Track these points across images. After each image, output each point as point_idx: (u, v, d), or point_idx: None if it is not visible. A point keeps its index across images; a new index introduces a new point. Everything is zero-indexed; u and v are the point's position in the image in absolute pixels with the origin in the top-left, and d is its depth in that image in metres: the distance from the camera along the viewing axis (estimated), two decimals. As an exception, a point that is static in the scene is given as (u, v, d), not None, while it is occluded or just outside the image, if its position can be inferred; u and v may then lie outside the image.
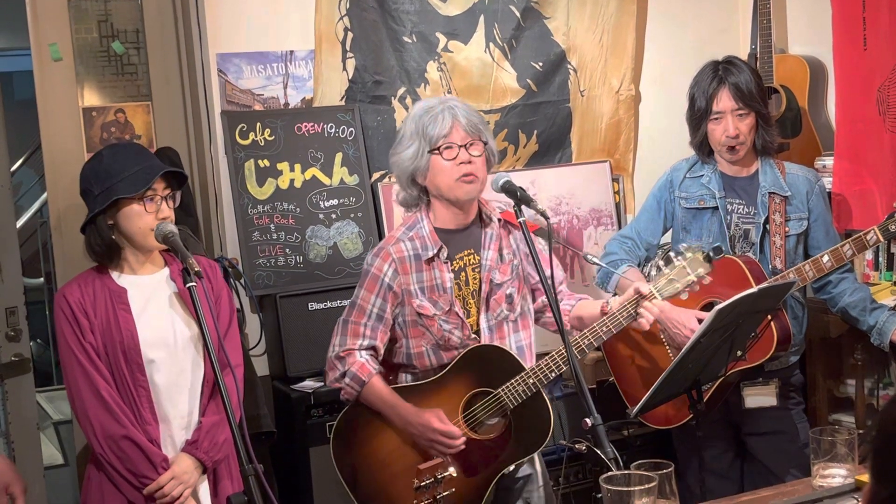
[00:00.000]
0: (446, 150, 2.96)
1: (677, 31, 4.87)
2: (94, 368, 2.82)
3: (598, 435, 2.52)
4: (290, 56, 4.21)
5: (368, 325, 3.02)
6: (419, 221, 3.06)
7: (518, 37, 4.55)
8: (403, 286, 3.01)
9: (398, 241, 3.05)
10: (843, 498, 2.50)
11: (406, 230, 3.07)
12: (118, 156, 2.89)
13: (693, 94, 3.59)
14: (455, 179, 2.97)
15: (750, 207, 3.58)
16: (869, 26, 4.15)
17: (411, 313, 3.02)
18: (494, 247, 3.09)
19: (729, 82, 3.49)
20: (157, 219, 2.84)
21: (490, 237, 3.10)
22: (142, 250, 2.91)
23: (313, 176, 4.21)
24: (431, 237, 3.03)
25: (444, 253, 3.03)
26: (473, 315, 3.06)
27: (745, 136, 3.51)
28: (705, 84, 3.53)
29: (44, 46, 4.12)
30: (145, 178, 2.82)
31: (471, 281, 3.07)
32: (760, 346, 3.33)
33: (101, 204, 2.83)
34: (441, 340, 3.02)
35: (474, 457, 2.94)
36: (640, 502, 2.22)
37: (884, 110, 4.12)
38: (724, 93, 3.49)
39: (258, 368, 4.02)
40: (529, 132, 4.60)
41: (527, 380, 2.94)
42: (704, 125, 3.55)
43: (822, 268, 3.40)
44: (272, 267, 4.10)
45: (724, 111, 3.49)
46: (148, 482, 2.82)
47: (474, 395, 3.00)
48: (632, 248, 3.71)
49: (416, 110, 3.05)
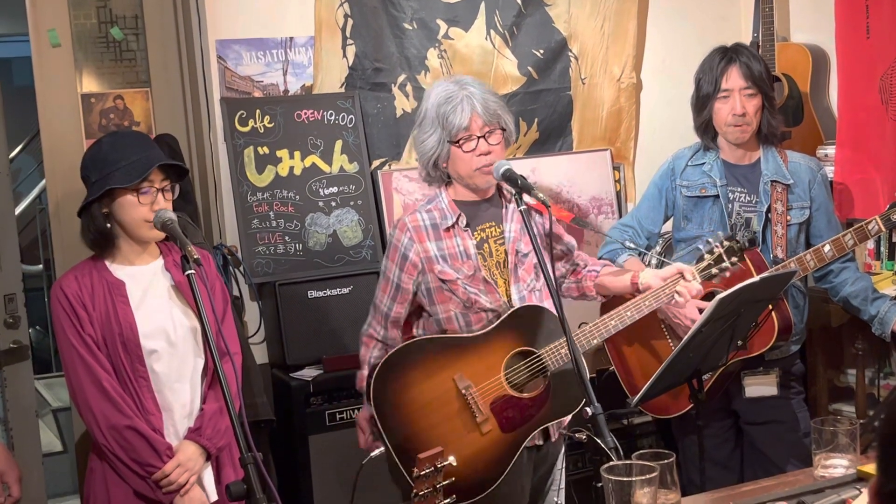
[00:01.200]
0: (466, 142, 3.02)
1: (679, 19, 4.85)
2: (94, 360, 2.81)
3: (598, 424, 2.51)
4: (290, 43, 4.19)
5: (390, 295, 3.11)
6: (438, 196, 3.14)
7: (519, 24, 4.53)
8: (422, 254, 3.05)
9: (415, 213, 3.12)
10: (845, 488, 2.49)
11: (425, 203, 3.15)
12: (118, 144, 2.87)
13: (699, 77, 3.58)
14: (474, 169, 3.04)
15: (752, 196, 3.57)
16: (872, 14, 4.13)
17: (434, 280, 3.06)
18: (517, 219, 3.13)
19: (740, 61, 3.49)
20: (152, 210, 2.82)
21: (512, 211, 3.14)
22: (136, 241, 2.89)
23: (313, 163, 4.19)
24: (450, 207, 3.09)
25: (464, 220, 3.08)
26: (502, 286, 3.08)
27: (751, 117, 3.49)
28: (714, 63, 3.52)
29: (42, 32, 4.10)
30: (141, 169, 2.80)
31: (494, 253, 3.10)
32: (762, 335, 3.32)
33: (96, 192, 2.82)
34: (468, 303, 3.05)
35: (512, 413, 2.97)
36: (642, 492, 2.21)
37: (886, 99, 4.11)
38: (734, 70, 3.48)
39: (257, 356, 4.01)
40: (530, 120, 4.59)
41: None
42: (710, 106, 3.53)
43: (824, 257, 3.39)
44: (271, 255, 4.09)
45: (733, 89, 3.48)
46: (153, 471, 2.81)
47: (517, 353, 3.01)
48: (632, 236, 3.70)
49: (437, 96, 3.07)
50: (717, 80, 3.50)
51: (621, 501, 2.22)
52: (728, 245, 3.12)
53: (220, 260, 3.90)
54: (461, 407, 2.95)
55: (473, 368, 2.97)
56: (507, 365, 3.01)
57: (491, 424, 2.92)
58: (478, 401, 2.95)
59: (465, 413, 2.95)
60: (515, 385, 3.00)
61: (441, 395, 2.96)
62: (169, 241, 2.94)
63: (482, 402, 2.96)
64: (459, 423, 2.94)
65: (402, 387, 2.95)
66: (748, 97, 3.48)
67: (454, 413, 2.94)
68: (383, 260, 3.15)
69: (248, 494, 2.26)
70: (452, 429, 2.93)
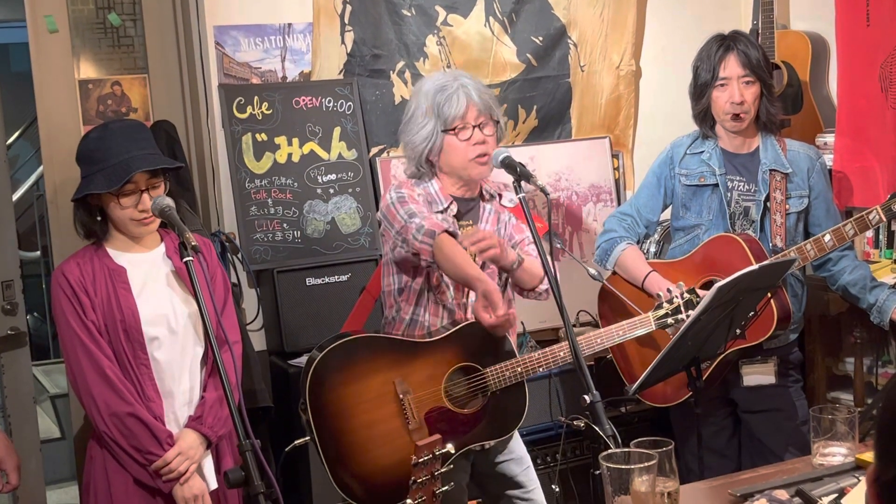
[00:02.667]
0: (461, 130, 3.01)
1: (678, 7, 4.83)
2: (96, 347, 2.80)
3: (596, 412, 2.51)
4: (288, 29, 4.18)
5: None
6: (427, 182, 3.12)
7: (518, 11, 4.51)
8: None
9: (413, 187, 3.11)
10: (843, 476, 2.49)
11: (414, 184, 3.13)
12: (105, 141, 2.82)
13: (697, 65, 3.57)
14: (469, 160, 3.02)
15: (750, 184, 3.56)
16: (872, 2, 4.12)
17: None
18: (493, 221, 3.13)
19: (738, 48, 3.48)
20: (138, 211, 2.80)
21: (489, 212, 3.14)
22: (128, 237, 2.88)
23: (311, 150, 4.18)
24: (441, 193, 3.09)
25: (455, 208, 3.08)
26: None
27: (749, 105, 3.48)
28: (712, 52, 3.51)
29: (40, 18, 4.08)
30: (121, 174, 2.75)
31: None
32: (760, 324, 3.32)
33: (78, 194, 2.80)
34: (437, 292, 3.04)
35: (443, 427, 2.94)
36: (640, 480, 2.21)
37: (886, 87, 4.10)
38: (731, 58, 3.47)
39: (255, 344, 4.01)
40: (529, 107, 4.58)
41: (516, 368, 2.98)
42: (708, 94, 3.52)
43: (824, 247, 3.39)
44: (269, 242, 4.08)
45: (731, 77, 3.47)
46: (154, 459, 2.81)
47: (461, 367, 3.00)
48: (631, 225, 3.70)
49: (429, 87, 3.06)
50: (715, 68, 3.49)
51: (619, 489, 2.22)
52: (688, 298, 3.15)
53: (219, 247, 3.89)
54: (396, 411, 2.94)
55: (416, 375, 2.96)
56: (450, 378, 2.99)
57: (422, 434, 2.88)
58: (413, 408, 2.94)
59: (398, 418, 2.94)
60: (454, 399, 2.99)
61: (379, 396, 2.95)
62: (168, 228, 2.93)
63: (417, 409, 2.95)
64: (391, 426, 2.93)
65: (343, 380, 2.94)
66: (746, 85, 3.47)
67: (388, 416, 2.93)
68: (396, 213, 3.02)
69: (247, 481, 2.26)
70: (383, 431, 2.93)
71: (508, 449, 3.19)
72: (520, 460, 3.22)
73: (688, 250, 3.60)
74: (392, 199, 3.07)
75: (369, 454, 2.92)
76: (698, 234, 3.60)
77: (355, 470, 2.91)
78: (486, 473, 3.18)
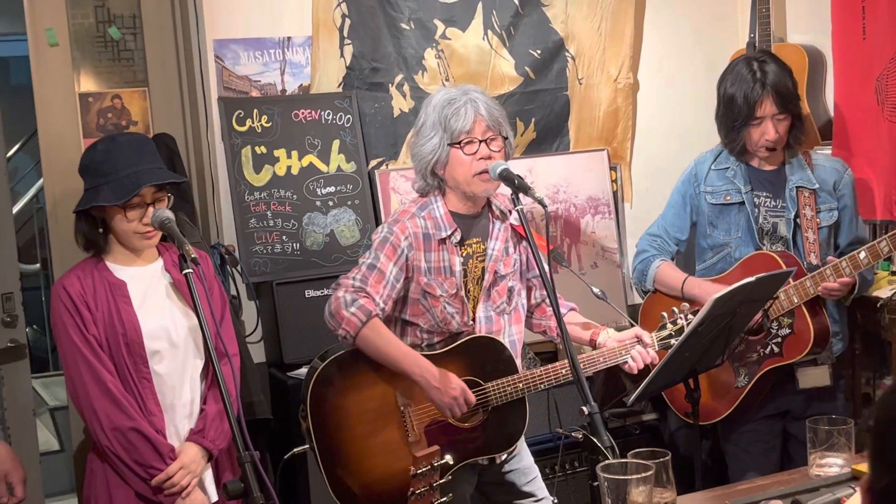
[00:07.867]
0: (467, 144, 2.96)
1: (676, 20, 4.85)
2: (98, 361, 2.80)
3: (594, 423, 2.52)
4: (288, 42, 4.20)
5: (386, 290, 2.96)
6: (432, 203, 3.05)
7: (516, 24, 4.53)
8: (414, 262, 3.00)
9: (413, 216, 3.03)
10: (840, 487, 2.50)
11: (418, 209, 3.06)
12: (111, 154, 2.83)
13: (730, 94, 3.54)
14: (473, 175, 2.98)
15: (777, 200, 3.57)
16: (868, 15, 4.14)
17: (416, 290, 3.01)
18: (502, 238, 3.11)
19: (771, 87, 3.47)
20: (142, 224, 2.81)
21: (499, 229, 3.11)
22: (129, 250, 2.89)
23: (310, 163, 4.19)
24: (446, 218, 3.03)
25: (458, 236, 3.03)
26: (471, 302, 3.07)
27: (783, 138, 3.52)
28: (747, 88, 3.49)
29: (40, 31, 4.10)
30: (130, 187, 2.76)
31: (474, 269, 3.07)
32: (796, 343, 3.38)
33: (84, 205, 2.81)
34: (442, 323, 3.02)
35: (444, 439, 2.94)
36: (637, 491, 2.22)
37: (882, 100, 4.11)
38: (767, 99, 3.47)
39: (254, 355, 4.01)
40: (527, 120, 4.59)
41: (517, 384, 2.99)
42: (745, 131, 3.52)
43: (859, 264, 3.36)
44: (269, 254, 4.09)
45: (765, 116, 3.49)
46: (156, 473, 2.81)
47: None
48: (661, 245, 3.72)
49: (438, 100, 3.03)
50: (753, 108, 3.48)
51: (617, 500, 2.23)
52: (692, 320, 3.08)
53: (218, 259, 3.90)
54: (396, 423, 2.95)
55: (417, 388, 2.95)
56: None
57: (421, 447, 2.88)
58: (413, 421, 2.95)
59: (398, 430, 2.95)
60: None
61: (380, 407, 2.96)
62: (167, 241, 2.94)
63: (417, 422, 2.96)
64: (391, 438, 2.94)
65: (345, 389, 2.95)
66: (779, 121, 3.50)
67: (388, 428, 2.93)
68: (371, 252, 2.99)
69: (246, 493, 2.26)
70: (382, 442, 2.93)
71: (516, 458, 3.19)
72: (528, 470, 3.22)
73: (722, 269, 3.60)
74: (382, 234, 3.02)
75: (368, 464, 2.93)
76: (729, 252, 3.61)
77: (354, 479, 2.92)
78: (493, 483, 3.18)
